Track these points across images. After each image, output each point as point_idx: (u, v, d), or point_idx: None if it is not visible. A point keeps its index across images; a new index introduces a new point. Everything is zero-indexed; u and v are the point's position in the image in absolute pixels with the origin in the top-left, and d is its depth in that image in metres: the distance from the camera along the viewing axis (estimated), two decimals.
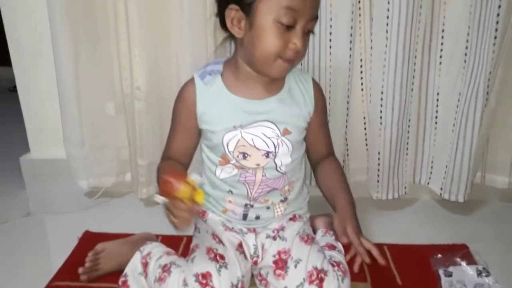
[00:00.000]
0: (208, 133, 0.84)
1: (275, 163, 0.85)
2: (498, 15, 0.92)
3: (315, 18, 0.77)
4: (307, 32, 0.77)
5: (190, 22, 1.00)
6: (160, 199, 0.71)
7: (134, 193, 1.19)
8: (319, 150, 0.92)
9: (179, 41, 1.03)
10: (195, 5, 0.99)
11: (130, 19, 1.00)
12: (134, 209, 1.19)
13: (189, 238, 0.92)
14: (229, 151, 0.83)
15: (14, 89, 1.20)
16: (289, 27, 0.74)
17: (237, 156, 0.84)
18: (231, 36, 0.81)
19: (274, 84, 0.85)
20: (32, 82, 1.19)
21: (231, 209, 0.89)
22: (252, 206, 0.88)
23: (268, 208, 0.89)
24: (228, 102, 0.83)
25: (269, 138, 0.83)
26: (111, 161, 1.19)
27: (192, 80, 0.86)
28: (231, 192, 0.88)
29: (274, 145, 0.83)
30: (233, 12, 0.78)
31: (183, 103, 0.86)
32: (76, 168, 1.16)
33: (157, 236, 0.99)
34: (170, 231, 1.01)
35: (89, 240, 0.99)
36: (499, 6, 0.91)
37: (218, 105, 0.83)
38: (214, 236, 0.86)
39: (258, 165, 0.85)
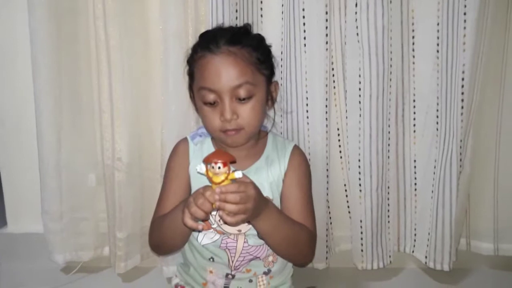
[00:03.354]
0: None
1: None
2: (462, 86, 0.97)
3: (241, 84, 0.79)
4: (243, 100, 0.80)
5: (175, 95, 1.03)
6: (202, 169, 0.71)
7: (111, 268, 1.14)
8: (289, 214, 0.85)
9: (165, 115, 1.06)
10: (180, 78, 1.03)
11: (114, 91, 1.03)
12: (111, 285, 1.14)
13: None
14: (210, 214, 0.83)
15: None
16: (216, 102, 0.80)
17: (219, 220, 0.83)
18: None
19: (252, 150, 0.88)
20: (14, 154, 1.19)
21: (211, 281, 0.87)
22: (233, 276, 0.86)
23: (250, 281, 0.87)
24: None
25: None
26: (90, 234, 1.16)
27: (185, 139, 0.92)
28: (213, 260, 0.86)
29: None
30: (192, 100, 0.88)
31: (178, 158, 0.90)
32: (52, 242, 1.13)
33: None
34: None
35: None
36: (463, 79, 0.97)
37: None
38: None
39: (239, 231, 0.84)
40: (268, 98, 0.87)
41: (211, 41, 0.81)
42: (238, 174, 0.71)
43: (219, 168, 0.69)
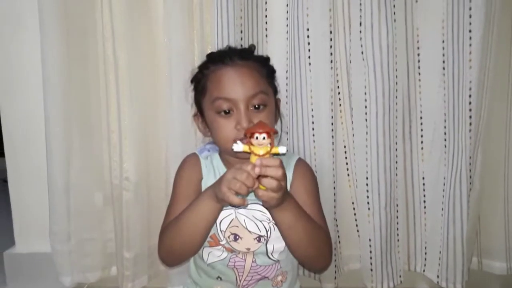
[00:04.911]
0: None
1: (267, 248, 0.83)
2: (470, 103, 0.97)
3: (256, 94, 0.81)
4: (258, 108, 0.81)
5: (180, 115, 1.04)
6: (239, 147, 0.69)
7: None
8: None
9: (170, 133, 1.07)
10: (184, 98, 1.04)
11: (122, 111, 1.05)
12: None
13: None
14: (221, 230, 0.83)
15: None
16: (231, 111, 0.80)
17: (228, 237, 0.83)
18: None
19: None
20: (23, 174, 1.20)
21: None
22: None
23: None
24: None
25: (260, 221, 0.83)
26: (97, 254, 1.15)
27: (194, 154, 0.92)
28: (220, 279, 0.85)
29: (266, 229, 0.83)
30: (196, 118, 0.90)
31: (189, 169, 0.89)
32: (60, 263, 1.13)
33: None
34: None
35: None
36: (470, 95, 0.97)
37: None
38: None
39: (248, 249, 0.83)
40: (275, 113, 0.89)
41: (223, 56, 0.85)
42: (282, 150, 0.68)
43: (263, 138, 0.68)
